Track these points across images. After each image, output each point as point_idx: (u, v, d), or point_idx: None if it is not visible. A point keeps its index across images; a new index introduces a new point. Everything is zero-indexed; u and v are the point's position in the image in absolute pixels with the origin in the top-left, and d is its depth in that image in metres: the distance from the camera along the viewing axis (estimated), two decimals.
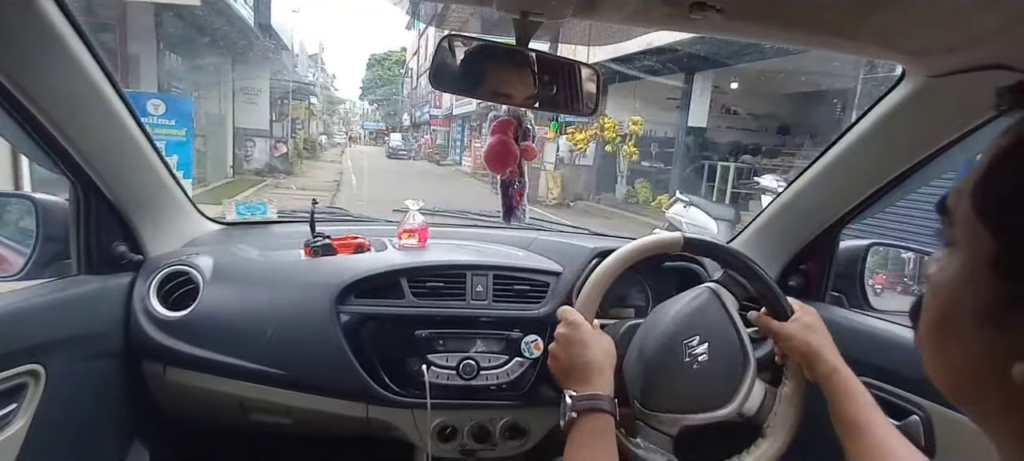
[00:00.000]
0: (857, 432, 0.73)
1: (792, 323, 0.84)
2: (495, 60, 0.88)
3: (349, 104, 51.11)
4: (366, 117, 48.87)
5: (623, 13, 0.79)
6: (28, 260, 1.08)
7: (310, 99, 22.34)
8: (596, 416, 0.73)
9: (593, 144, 12.39)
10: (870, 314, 1.24)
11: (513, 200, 1.09)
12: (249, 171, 12.84)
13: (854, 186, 1.15)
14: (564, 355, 0.80)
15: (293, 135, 18.00)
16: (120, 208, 1.13)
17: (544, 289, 1.26)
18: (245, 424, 1.28)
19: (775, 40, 0.96)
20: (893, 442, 0.71)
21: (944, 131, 0.95)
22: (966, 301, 0.33)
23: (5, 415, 0.91)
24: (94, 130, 1.00)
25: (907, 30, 0.76)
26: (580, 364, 0.78)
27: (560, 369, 0.81)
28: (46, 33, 0.81)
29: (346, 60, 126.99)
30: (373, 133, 44.18)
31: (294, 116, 18.36)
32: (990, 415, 0.34)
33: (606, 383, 0.77)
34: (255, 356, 1.15)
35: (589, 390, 0.75)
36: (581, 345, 0.79)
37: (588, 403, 0.74)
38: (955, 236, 0.35)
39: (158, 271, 1.18)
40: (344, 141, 39.02)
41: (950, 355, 0.35)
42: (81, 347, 1.06)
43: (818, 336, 0.82)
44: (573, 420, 0.73)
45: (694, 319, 0.87)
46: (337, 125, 45.74)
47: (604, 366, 0.78)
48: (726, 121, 11.66)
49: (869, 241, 1.34)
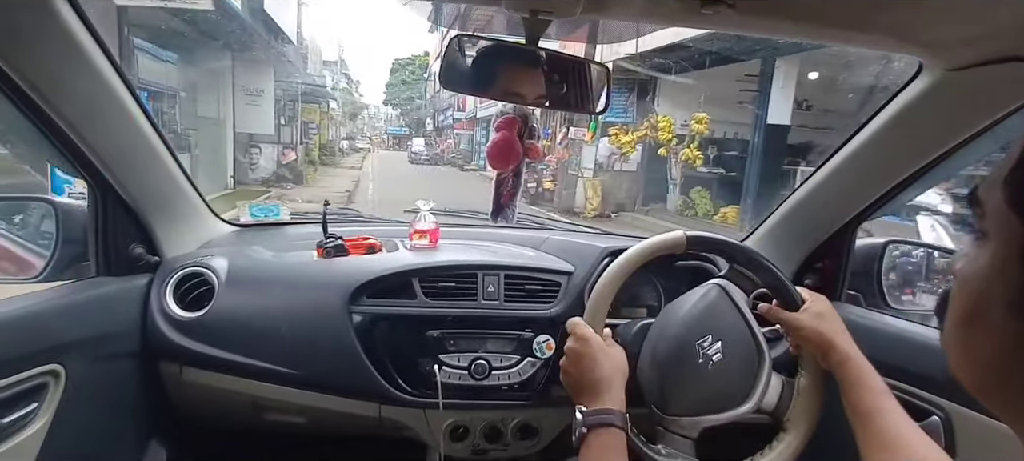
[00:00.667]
0: (868, 420, 0.72)
1: (803, 313, 0.83)
2: (505, 59, 0.88)
3: (373, 109, 51.24)
4: (390, 122, 48.87)
5: (632, 9, 0.79)
6: (48, 262, 1.10)
7: (329, 103, 21.50)
8: (607, 431, 0.73)
9: (639, 147, 10.95)
10: (888, 313, 1.22)
11: (503, 199, 1.08)
12: (254, 180, 12.00)
13: (870, 182, 1.13)
14: (574, 370, 0.80)
15: (306, 140, 17.18)
16: (137, 211, 1.15)
17: (556, 289, 1.26)
18: (259, 423, 1.29)
19: (788, 35, 0.95)
20: (905, 430, 0.70)
21: (963, 125, 0.94)
22: (996, 293, 0.32)
23: (26, 414, 0.92)
24: (111, 134, 1.02)
25: (923, 23, 0.75)
26: (590, 380, 0.78)
27: (570, 384, 0.81)
28: (64, 38, 0.82)
29: (371, 66, 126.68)
30: (397, 138, 43.87)
31: (307, 120, 17.39)
32: (1019, 411, 0.33)
33: (617, 398, 0.77)
34: (269, 356, 1.16)
35: (599, 405, 0.75)
36: (590, 360, 0.79)
37: (598, 418, 0.74)
38: (986, 228, 0.33)
39: (174, 272, 1.20)
40: (367, 146, 38.88)
41: (978, 350, 0.34)
42: (100, 347, 1.08)
43: (829, 324, 0.81)
44: (584, 435, 0.73)
45: (705, 318, 0.87)
46: (362, 130, 45.80)
47: (614, 381, 0.78)
48: (800, 119, 9.18)
49: (886, 239, 1.31)
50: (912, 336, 1.08)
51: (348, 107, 35.92)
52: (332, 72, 29.77)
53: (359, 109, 42.67)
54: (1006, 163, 0.33)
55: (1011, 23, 0.70)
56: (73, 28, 0.82)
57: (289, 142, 14.86)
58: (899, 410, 0.72)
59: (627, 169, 11.50)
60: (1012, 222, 0.31)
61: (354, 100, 39.58)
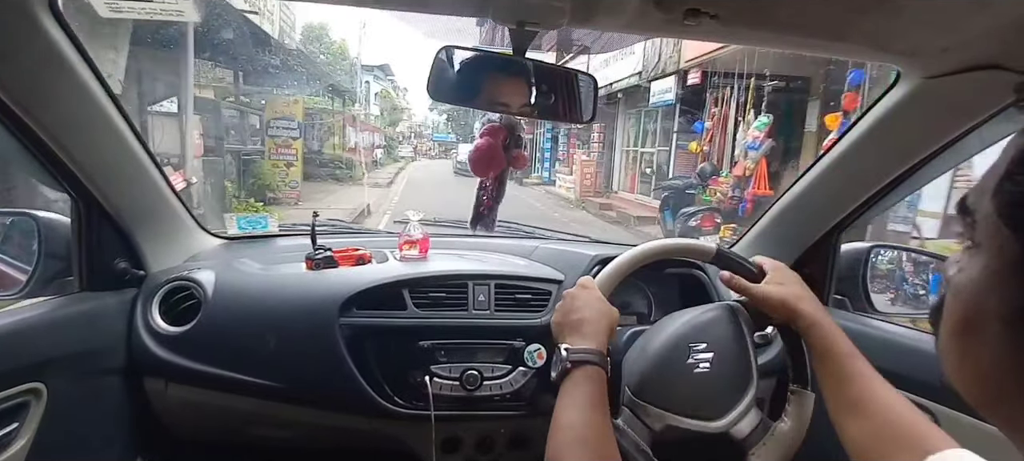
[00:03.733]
0: (838, 384, 0.72)
1: (766, 283, 0.84)
2: (492, 70, 0.89)
3: (422, 117, 50.00)
4: (437, 130, 47.51)
5: (618, 21, 0.80)
6: (30, 278, 1.08)
7: (343, 101, 17.07)
8: (591, 368, 0.73)
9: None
10: (874, 317, 1.23)
11: (483, 207, 1.09)
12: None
13: (853, 189, 1.15)
14: (564, 310, 0.81)
15: (284, 152, 10.27)
16: (122, 224, 1.14)
17: (546, 298, 1.26)
18: (247, 439, 1.27)
19: (770, 44, 0.97)
20: (878, 392, 0.69)
21: (942, 131, 0.96)
22: (991, 305, 0.32)
23: (7, 434, 0.90)
24: (96, 147, 1.01)
25: (899, 32, 0.77)
26: (577, 319, 0.79)
27: (558, 323, 0.81)
28: (45, 49, 0.81)
29: (419, 71, 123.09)
30: (444, 146, 40.96)
31: (282, 115, 10.44)
32: (1017, 424, 0.32)
33: (601, 341, 0.77)
34: (257, 370, 1.14)
35: (584, 345, 0.75)
36: (583, 303, 0.80)
37: (582, 356, 0.74)
38: (977, 237, 0.33)
39: (160, 287, 1.19)
40: (410, 155, 36.54)
41: (974, 361, 0.33)
42: (83, 364, 1.06)
43: (791, 289, 0.82)
44: (567, 370, 0.73)
45: (707, 328, 0.86)
46: (408, 137, 44.13)
47: (601, 326, 0.78)
48: None
49: (871, 243, 1.33)
50: (899, 340, 1.09)
51: (389, 114, 33.77)
52: (376, 77, 28.77)
53: (399, 114, 40.50)
54: (994, 172, 0.32)
55: (988, 31, 0.71)
56: (55, 38, 0.81)
57: (177, 156, 7.07)
58: (868, 372, 0.72)
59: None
60: (1003, 233, 0.31)
61: (395, 104, 37.63)
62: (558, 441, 0.69)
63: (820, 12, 0.74)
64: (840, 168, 1.14)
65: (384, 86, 32.01)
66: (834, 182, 1.17)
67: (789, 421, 0.84)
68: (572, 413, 0.70)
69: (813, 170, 1.19)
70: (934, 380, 0.99)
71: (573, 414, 0.70)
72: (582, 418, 0.70)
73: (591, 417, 0.70)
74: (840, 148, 1.11)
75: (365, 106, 20.30)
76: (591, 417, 0.70)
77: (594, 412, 0.70)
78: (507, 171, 1.06)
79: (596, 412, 0.71)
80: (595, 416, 0.70)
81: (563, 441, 0.69)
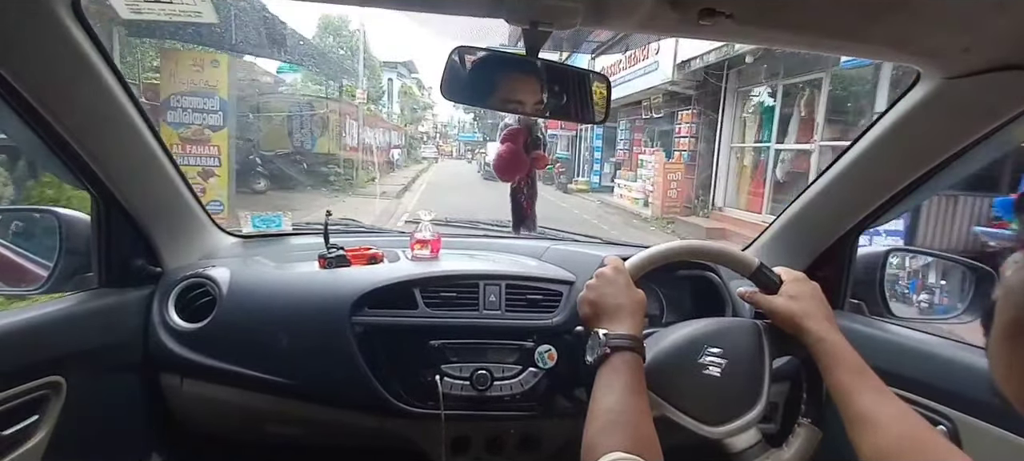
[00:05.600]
0: (846, 398, 0.72)
1: (779, 296, 0.83)
2: (505, 70, 0.89)
3: (447, 116, 49.00)
4: (462, 130, 46.41)
5: (632, 21, 0.80)
6: (51, 274, 1.10)
7: (354, 95, 14.96)
8: (629, 354, 0.73)
9: None
10: (891, 321, 1.21)
11: (524, 209, 1.09)
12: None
13: (871, 191, 1.13)
14: (597, 293, 0.81)
15: (180, 153, 6.40)
16: (140, 222, 1.16)
17: (557, 299, 1.26)
18: (260, 435, 1.28)
19: (786, 45, 0.96)
20: (882, 406, 0.69)
21: (963, 133, 0.94)
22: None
23: (27, 426, 0.92)
24: (116, 146, 1.03)
25: (920, 32, 0.75)
26: (614, 305, 0.79)
27: (591, 305, 0.81)
28: (68, 49, 0.83)
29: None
30: (470, 146, 37.95)
31: (186, 93, 6.55)
32: None
33: (638, 327, 0.77)
34: (270, 367, 1.16)
35: (623, 330, 0.76)
36: (618, 288, 0.80)
37: (623, 341, 0.74)
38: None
39: (176, 284, 1.20)
40: (433, 155, 35.40)
41: (1022, 367, 0.33)
42: (101, 359, 1.08)
43: (802, 304, 0.81)
44: (606, 355, 0.73)
45: (726, 334, 0.85)
46: (431, 137, 42.37)
47: (636, 313, 0.79)
48: None
49: (888, 247, 1.31)
50: (916, 345, 1.07)
51: (411, 112, 32.70)
52: (399, 73, 27.92)
53: (421, 112, 38.06)
54: None
55: (1009, 31, 0.70)
56: (77, 39, 0.83)
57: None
58: (874, 386, 0.71)
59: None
60: None
61: (417, 101, 35.73)
62: (599, 425, 0.68)
63: (839, 12, 0.73)
64: (857, 171, 1.12)
65: (406, 82, 31.40)
66: (852, 184, 1.15)
67: (789, 452, 0.82)
68: (611, 398, 0.70)
69: (830, 172, 1.18)
70: (951, 386, 0.97)
71: (612, 399, 0.70)
72: (622, 403, 0.70)
73: (632, 401, 0.70)
74: (858, 149, 1.09)
75: (388, 105, 19.44)
76: (632, 401, 0.70)
77: (635, 397, 0.71)
78: (534, 172, 1.08)
79: (637, 397, 0.71)
80: (637, 401, 0.70)
81: (603, 425, 0.68)
